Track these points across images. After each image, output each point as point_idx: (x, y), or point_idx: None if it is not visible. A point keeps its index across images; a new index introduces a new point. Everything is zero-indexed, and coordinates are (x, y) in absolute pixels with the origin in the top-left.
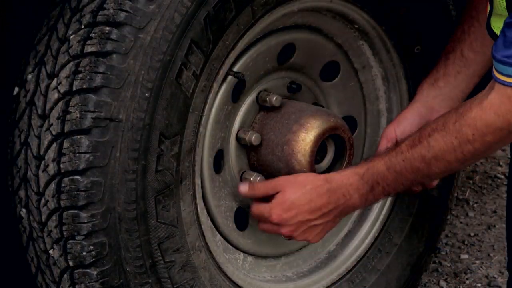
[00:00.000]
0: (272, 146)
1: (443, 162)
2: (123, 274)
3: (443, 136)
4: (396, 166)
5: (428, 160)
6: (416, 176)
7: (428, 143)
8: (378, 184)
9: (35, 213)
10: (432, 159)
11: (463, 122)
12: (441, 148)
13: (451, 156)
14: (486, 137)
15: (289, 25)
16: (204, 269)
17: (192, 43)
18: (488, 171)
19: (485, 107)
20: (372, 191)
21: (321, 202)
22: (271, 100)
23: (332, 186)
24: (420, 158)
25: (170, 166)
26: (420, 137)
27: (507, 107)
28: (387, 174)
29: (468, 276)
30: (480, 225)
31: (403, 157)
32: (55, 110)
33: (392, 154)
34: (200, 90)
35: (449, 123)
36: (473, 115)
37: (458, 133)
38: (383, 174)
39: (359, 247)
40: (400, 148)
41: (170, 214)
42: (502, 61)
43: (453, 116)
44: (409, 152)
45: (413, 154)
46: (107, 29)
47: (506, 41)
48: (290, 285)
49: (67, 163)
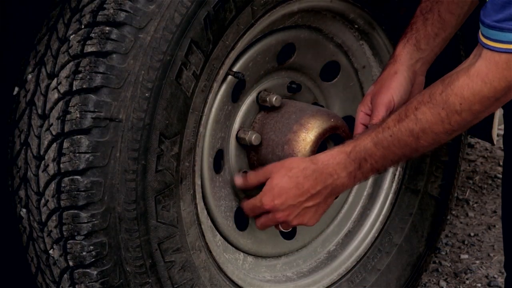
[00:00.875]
0: (272, 146)
1: (431, 135)
2: (123, 274)
3: (430, 108)
4: (383, 142)
5: (416, 134)
6: (404, 150)
7: (415, 116)
8: (366, 161)
9: (35, 213)
10: (420, 132)
11: (449, 92)
12: (428, 120)
13: (439, 127)
14: (473, 106)
15: (289, 25)
16: (204, 269)
17: (192, 43)
18: (488, 171)
19: (472, 75)
20: (360, 168)
21: (309, 183)
22: (271, 100)
23: (318, 166)
24: (408, 132)
25: (170, 166)
26: (406, 111)
27: (495, 74)
28: (374, 150)
29: (468, 276)
30: (480, 225)
31: (390, 132)
32: (55, 110)
33: (379, 130)
34: (200, 90)
35: (435, 94)
36: (460, 83)
37: (445, 104)
38: (371, 151)
39: (359, 247)
40: (386, 123)
41: (170, 214)
42: (492, 25)
43: (440, 86)
44: (396, 127)
45: (400, 128)
46: (107, 29)
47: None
48: (290, 285)
49: (67, 163)
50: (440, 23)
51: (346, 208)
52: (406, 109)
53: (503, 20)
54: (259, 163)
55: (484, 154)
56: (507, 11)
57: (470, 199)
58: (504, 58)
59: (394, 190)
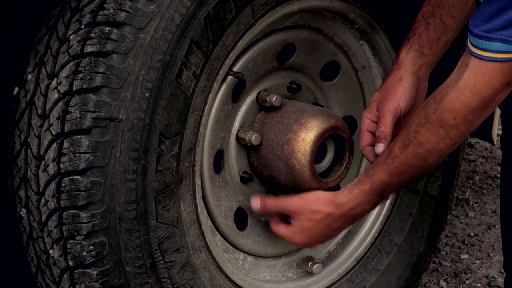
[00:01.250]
0: (272, 145)
1: (436, 153)
2: (123, 274)
3: (428, 129)
4: (396, 171)
5: (423, 156)
6: (417, 171)
7: (417, 140)
8: (385, 190)
9: (35, 213)
10: (425, 153)
11: (442, 108)
12: (430, 141)
13: (441, 145)
14: (467, 117)
15: (289, 25)
16: (204, 269)
17: (192, 43)
18: (488, 171)
19: (460, 88)
20: (381, 197)
21: (338, 224)
22: (272, 100)
23: (345, 211)
24: (415, 157)
25: (170, 166)
26: (408, 136)
27: (482, 84)
28: (390, 180)
29: (468, 276)
30: (480, 225)
31: (400, 160)
32: (55, 110)
33: (389, 161)
34: (200, 90)
35: (430, 113)
36: (450, 99)
37: (440, 122)
38: (388, 182)
39: (359, 247)
40: (394, 152)
41: (170, 214)
42: (480, 35)
43: (432, 105)
44: (403, 155)
45: (407, 155)
46: (107, 29)
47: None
48: (290, 285)
49: (67, 163)
50: (442, 27)
51: None
52: (408, 134)
53: (491, 30)
54: (259, 162)
55: (484, 154)
56: (495, 21)
57: (470, 199)
58: (490, 67)
59: None
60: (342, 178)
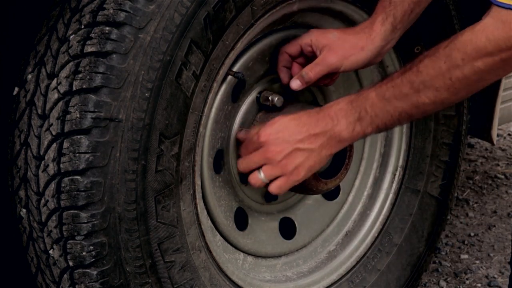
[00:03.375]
0: None
1: (431, 89)
2: (123, 274)
3: (432, 61)
4: (385, 93)
5: (417, 86)
6: (405, 104)
7: (418, 68)
8: (366, 112)
9: (35, 213)
10: (420, 84)
11: (453, 46)
12: (429, 73)
13: (439, 81)
14: (475, 63)
15: (289, 25)
16: (204, 269)
17: (192, 43)
18: (488, 171)
19: (477, 31)
20: (359, 120)
21: (309, 121)
22: (273, 100)
23: (322, 109)
24: (408, 84)
25: (170, 166)
26: (411, 64)
27: (500, 33)
28: (376, 101)
29: (468, 276)
30: (480, 225)
31: (393, 83)
32: (55, 110)
33: (383, 82)
34: (200, 90)
35: (440, 48)
36: (463, 39)
37: (447, 58)
38: (372, 101)
39: (359, 247)
40: (391, 76)
41: (170, 214)
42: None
43: (445, 42)
44: (398, 79)
45: (402, 79)
46: (107, 29)
47: None
48: (290, 285)
49: (67, 163)
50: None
51: (346, 208)
52: (412, 62)
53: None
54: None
55: (484, 154)
56: None
57: (470, 199)
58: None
59: (394, 190)
60: (341, 179)
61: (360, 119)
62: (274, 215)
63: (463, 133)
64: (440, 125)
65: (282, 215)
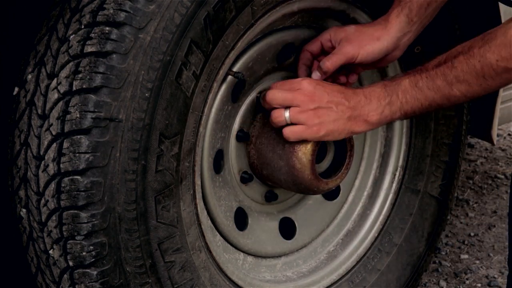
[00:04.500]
0: (273, 144)
1: (464, 84)
2: (123, 274)
3: (466, 58)
4: (418, 82)
5: (450, 79)
6: (436, 95)
7: (452, 63)
8: (397, 97)
9: (35, 213)
10: (453, 78)
11: (487, 48)
12: (463, 69)
13: (473, 78)
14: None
15: (289, 25)
16: (204, 269)
17: (192, 43)
18: (488, 171)
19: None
20: (390, 104)
21: (347, 92)
22: None
23: (357, 88)
24: (442, 76)
25: (170, 166)
26: (446, 57)
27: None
28: (408, 88)
29: (468, 276)
30: (480, 225)
31: (427, 74)
32: (55, 110)
33: (417, 70)
34: (200, 90)
35: (475, 47)
36: (498, 43)
37: (481, 57)
38: (404, 87)
39: (359, 247)
40: (425, 66)
41: (170, 214)
42: None
43: (479, 42)
44: (433, 70)
45: (436, 71)
46: (107, 29)
47: None
48: (290, 285)
49: (67, 163)
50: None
51: (346, 208)
52: (446, 56)
53: None
54: (259, 162)
55: (484, 154)
56: None
57: (470, 199)
58: None
59: (394, 190)
60: (342, 179)
61: (391, 103)
62: (274, 215)
63: (463, 133)
64: (440, 125)
65: (282, 215)
